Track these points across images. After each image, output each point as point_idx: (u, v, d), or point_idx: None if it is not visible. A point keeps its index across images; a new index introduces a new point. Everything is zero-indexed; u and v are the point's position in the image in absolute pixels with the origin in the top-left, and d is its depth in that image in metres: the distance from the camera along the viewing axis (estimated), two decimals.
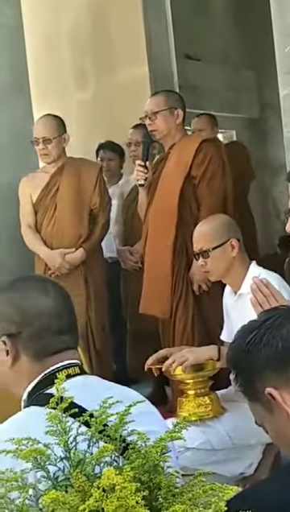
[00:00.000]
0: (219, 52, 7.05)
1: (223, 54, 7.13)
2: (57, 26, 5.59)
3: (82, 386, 1.48)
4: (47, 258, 3.89)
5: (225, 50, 7.14)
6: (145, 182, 3.52)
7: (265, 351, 1.19)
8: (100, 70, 5.35)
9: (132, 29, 5.06)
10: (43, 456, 1.19)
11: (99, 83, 5.35)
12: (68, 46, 5.56)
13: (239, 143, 6.35)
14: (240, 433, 2.46)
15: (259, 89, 7.39)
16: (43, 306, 1.53)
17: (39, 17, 5.69)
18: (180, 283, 3.41)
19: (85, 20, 5.39)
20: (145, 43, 4.98)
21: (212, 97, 6.85)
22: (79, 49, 5.46)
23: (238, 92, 7.35)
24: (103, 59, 5.29)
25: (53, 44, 5.62)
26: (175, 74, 5.14)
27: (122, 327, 4.41)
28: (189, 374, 2.52)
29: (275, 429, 1.20)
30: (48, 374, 1.49)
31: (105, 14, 5.26)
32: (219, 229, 2.70)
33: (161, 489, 1.16)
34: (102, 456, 1.17)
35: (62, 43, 5.59)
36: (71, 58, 5.56)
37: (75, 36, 5.49)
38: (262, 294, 2.08)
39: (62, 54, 5.59)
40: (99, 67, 5.34)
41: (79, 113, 5.40)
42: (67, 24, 5.54)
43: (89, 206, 3.94)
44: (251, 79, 7.46)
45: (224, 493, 1.10)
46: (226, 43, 7.14)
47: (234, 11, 7.10)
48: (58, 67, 5.62)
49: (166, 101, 3.53)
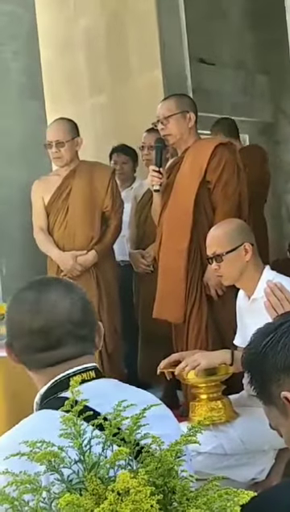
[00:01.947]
0: (233, 57, 7.05)
1: (237, 58, 7.13)
2: (72, 31, 5.62)
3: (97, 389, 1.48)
4: (59, 260, 3.90)
5: (239, 54, 7.13)
6: (160, 187, 3.51)
7: (282, 354, 1.18)
8: (114, 74, 5.36)
9: (146, 33, 5.07)
10: (58, 459, 1.19)
11: (113, 87, 5.37)
12: (83, 50, 5.58)
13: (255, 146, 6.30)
14: (252, 438, 2.45)
15: (273, 94, 7.37)
16: (28, 323, 1.49)
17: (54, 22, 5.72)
18: (194, 288, 3.40)
19: (100, 25, 5.40)
20: (159, 47, 4.98)
21: (225, 101, 6.85)
22: (93, 53, 5.48)
23: (252, 97, 7.34)
24: (117, 63, 5.30)
25: (68, 49, 5.65)
26: (188, 78, 5.14)
27: (134, 330, 4.40)
28: (202, 378, 2.51)
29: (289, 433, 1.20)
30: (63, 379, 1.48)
31: (120, 19, 5.27)
32: (233, 233, 2.70)
33: (175, 493, 1.15)
34: (117, 459, 1.17)
35: (76, 48, 5.62)
36: (85, 62, 5.58)
37: (89, 41, 5.50)
38: (276, 297, 2.07)
39: (76, 58, 5.61)
40: (113, 71, 5.36)
41: (93, 117, 5.42)
42: (81, 29, 5.56)
43: (100, 209, 3.95)
44: (265, 83, 7.45)
45: (239, 498, 1.09)
46: (241, 48, 7.14)
47: (250, 16, 7.10)
48: (72, 71, 5.64)
49: (177, 104, 3.52)
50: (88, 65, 5.55)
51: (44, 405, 1.47)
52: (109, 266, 4.03)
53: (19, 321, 1.50)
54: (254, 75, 7.34)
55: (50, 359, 1.48)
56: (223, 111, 6.81)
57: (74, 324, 1.52)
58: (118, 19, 5.28)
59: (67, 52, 5.64)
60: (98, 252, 3.90)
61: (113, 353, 3.90)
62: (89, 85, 5.54)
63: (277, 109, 7.42)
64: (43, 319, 1.49)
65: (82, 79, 5.57)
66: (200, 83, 5.99)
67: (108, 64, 5.37)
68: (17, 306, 1.53)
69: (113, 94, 5.35)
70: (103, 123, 5.37)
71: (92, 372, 1.50)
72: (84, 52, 5.57)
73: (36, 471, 1.19)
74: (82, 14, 5.53)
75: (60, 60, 5.66)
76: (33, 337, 1.48)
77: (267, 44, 6.73)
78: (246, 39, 7.16)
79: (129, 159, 4.79)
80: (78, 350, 1.52)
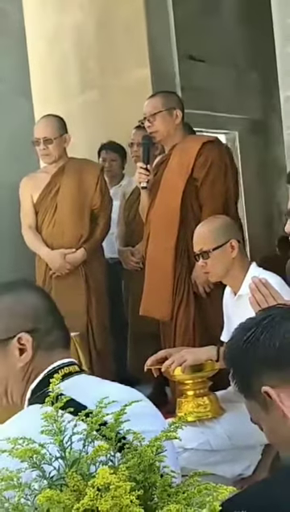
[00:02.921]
0: (224, 54, 7.05)
1: (228, 55, 7.13)
2: (60, 28, 5.60)
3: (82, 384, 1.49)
4: (48, 259, 3.89)
5: (229, 51, 7.14)
6: (147, 184, 3.52)
7: (262, 349, 1.18)
8: (103, 71, 5.36)
9: (135, 30, 5.07)
10: (39, 456, 1.19)
11: (102, 84, 5.36)
12: (71, 48, 5.57)
13: None
14: (239, 434, 2.46)
15: (263, 91, 7.38)
16: (43, 303, 1.58)
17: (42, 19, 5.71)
18: (181, 285, 3.40)
19: (89, 22, 5.40)
20: (147, 44, 4.98)
21: (215, 98, 6.85)
22: (82, 51, 5.47)
23: (242, 94, 7.35)
24: (106, 60, 5.30)
25: (56, 46, 5.63)
26: (177, 75, 5.14)
27: (123, 327, 4.41)
28: (188, 375, 2.52)
29: (270, 427, 1.20)
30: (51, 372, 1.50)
31: (109, 16, 5.27)
32: (219, 230, 2.70)
33: (156, 488, 1.15)
34: (97, 455, 1.17)
35: (65, 45, 5.61)
36: (74, 60, 5.57)
37: (78, 38, 5.50)
38: (261, 293, 2.08)
39: (65, 56, 5.60)
40: (102, 68, 5.35)
41: (82, 115, 5.41)
42: (70, 26, 5.55)
43: (89, 206, 3.94)
44: (255, 80, 7.46)
45: (218, 493, 1.10)
46: (231, 45, 7.14)
47: (239, 13, 7.11)
48: (61, 68, 5.63)
49: (164, 102, 3.53)
50: (77, 62, 5.54)
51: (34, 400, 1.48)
52: (98, 263, 4.03)
53: (36, 304, 1.56)
54: (244, 72, 7.34)
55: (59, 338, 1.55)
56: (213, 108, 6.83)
57: (59, 314, 1.61)
58: (107, 16, 5.27)
59: (55, 50, 5.63)
60: (87, 250, 3.90)
61: (102, 350, 3.90)
62: (78, 82, 5.53)
63: (268, 106, 7.43)
64: (47, 299, 1.60)
65: (71, 76, 5.57)
66: (189, 80, 5.99)
67: (97, 61, 5.37)
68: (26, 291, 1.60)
69: (103, 91, 5.34)
70: (92, 120, 5.37)
71: (75, 366, 1.52)
72: (72, 50, 5.56)
73: (18, 467, 1.19)
74: (71, 11, 5.52)
75: (48, 57, 5.65)
76: (51, 317, 1.56)
77: (257, 41, 6.74)
78: (235, 36, 7.17)
79: (117, 156, 4.79)
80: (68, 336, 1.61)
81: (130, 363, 4.31)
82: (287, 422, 1.15)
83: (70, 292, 3.84)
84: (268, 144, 7.62)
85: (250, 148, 7.56)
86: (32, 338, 1.52)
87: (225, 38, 7.02)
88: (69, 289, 3.85)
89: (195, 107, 5.75)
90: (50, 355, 1.53)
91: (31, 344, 1.51)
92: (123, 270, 4.44)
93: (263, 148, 7.62)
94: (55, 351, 1.53)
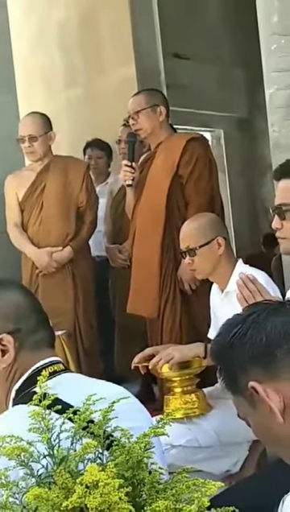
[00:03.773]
0: (209, 52, 7.06)
1: (213, 53, 7.14)
2: (45, 26, 5.58)
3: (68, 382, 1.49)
4: (35, 257, 3.87)
5: (215, 49, 7.15)
6: (132, 182, 3.52)
7: (249, 345, 1.18)
8: (88, 69, 5.35)
9: (120, 28, 5.06)
10: (27, 454, 1.19)
11: (87, 82, 5.35)
12: (56, 45, 5.55)
13: None
14: (226, 430, 2.46)
15: (248, 89, 7.41)
16: (23, 303, 1.57)
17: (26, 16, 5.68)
18: (168, 282, 3.40)
19: (73, 19, 5.38)
20: (132, 42, 4.98)
21: (201, 96, 6.86)
22: (67, 48, 5.46)
23: (228, 92, 7.37)
24: (91, 57, 5.29)
25: (41, 43, 5.62)
26: (162, 73, 5.14)
27: (110, 325, 4.41)
28: (176, 372, 2.51)
29: (257, 423, 1.20)
30: (35, 372, 1.49)
31: (94, 13, 5.26)
32: (205, 228, 2.71)
33: (145, 485, 1.16)
34: (85, 452, 1.17)
35: (50, 42, 5.59)
36: (59, 57, 5.55)
37: (63, 35, 5.48)
38: (248, 290, 2.08)
39: (50, 53, 5.58)
40: (87, 65, 5.34)
41: (67, 112, 5.40)
42: (55, 23, 5.53)
43: (75, 204, 3.93)
44: (241, 78, 7.48)
45: (207, 489, 1.10)
46: (216, 43, 7.16)
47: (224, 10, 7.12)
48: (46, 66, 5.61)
49: (147, 99, 3.53)
50: (61, 60, 5.52)
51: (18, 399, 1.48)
52: (85, 261, 4.02)
53: (18, 303, 1.55)
54: (229, 70, 7.36)
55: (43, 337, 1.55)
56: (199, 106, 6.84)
57: (44, 313, 1.60)
58: (92, 14, 5.26)
59: (40, 47, 5.61)
60: (74, 248, 3.89)
61: (89, 348, 3.89)
62: (63, 80, 5.52)
63: (253, 104, 7.45)
64: (31, 298, 1.60)
65: (56, 73, 5.55)
66: (175, 78, 6.00)
67: (82, 58, 5.35)
68: (6, 291, 1.58)
69: (88, 89, 5.33)
70: (77, 118, 5.36)
71: (60, 364, 1.52)
72: (57, 47, 5.54)
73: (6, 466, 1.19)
74: (56, 9, 5.50)
75: (33, 55, 5.63)
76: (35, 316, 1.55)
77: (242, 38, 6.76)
78: (220, 34, 7.18)
79: (103, 154, 4.78)
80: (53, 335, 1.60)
81: (118, 361, 4.31)
82: (275, 417, 1.15)
83: (57, 290, 3.83)
84: (253, 142, 7.65)
85: (235, 146, 7.59)
86: (14, 339, 1.51)
87: (211, 36, 7.04)
88: (56, 287, 3.84)
89: (180, 105, 5.75)
90: (34, 354, 1.52)
91: (12, 345, 1.51)
92: (110, 267, 4.43)
93: (248, 146, 7.65)
94: (39, 350, 1.53)
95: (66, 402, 1.32)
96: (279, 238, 2.15)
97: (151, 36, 5.13)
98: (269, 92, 2.99)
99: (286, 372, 1.16)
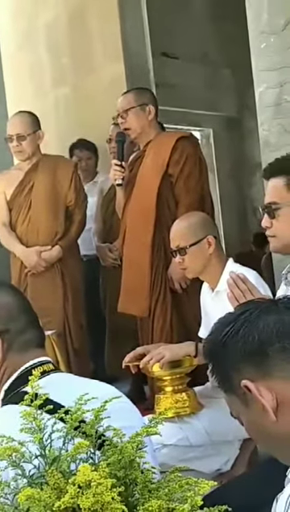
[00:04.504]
0: (197, 50, 7.06)
1: (201, 52, 7.14)
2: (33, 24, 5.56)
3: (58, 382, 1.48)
4: (23, 256, 3.86)
5: (203, 48, 7.15)
6: (122, 181, 3.51)
7: (241, 344, 1.18)
8: (77, 68, 5.33)
9: (109, 27, 5.05)
10: (18, 454, 1.18)
11: (76, 81, 5.33)
12: (45, 43, 5.53)
13: None
14: (217, 429, 2.46)
15: (237, 88, 7.41)
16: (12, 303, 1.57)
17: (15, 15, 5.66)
18: (158, 281, 3.40)
19: (62, 18, 5.36)
20: (121, 40, 4.97)
21: (190, 96, 6.86)
22: (55, 47, 5.44)
23: (217, 91, 7.37)
24: (80, 57, 5.27)
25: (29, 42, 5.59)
26: (151, 72, 5.14)
27: (100, 325, 4.40)
28: (166, 371, 2.51)
29: (250, 421, 1.20)
30: (24, 372, 1.49)
31: (83, 12, 5.24)
32: (196, 226, 2.70)
33: (137, 484, 1.15)
34: (78, 452, 1.16)
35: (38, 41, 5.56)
36: (47, 55, 5.53)
37: (51, 34, 5.46)
38: (238, 289, 2.08)
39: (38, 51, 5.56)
40: (76, 65, 5.32)
41: (56, 111, 5.38)
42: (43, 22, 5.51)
43: (64, 203, 3.92)
44: (229, 78, 7.48)
45: (200, 488, 1.10)
46: (205, 42, 7.15)
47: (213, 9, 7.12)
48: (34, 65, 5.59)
49: (136, 98, 3.53)
50: (50, 59, 5.50)
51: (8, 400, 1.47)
52: (74, 260, 4.01)
53: (7, 303, 1.55)
54: (218, 69, 7.36)
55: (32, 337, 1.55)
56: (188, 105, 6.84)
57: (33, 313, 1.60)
58: (80, 12, 5.24)
59: (28, 45, 5.58)
60: (63, 247, 3.87)
61: (79, 348, 3.88)
62: (52, 79, 5.50)
63: (242, 104, 7.46)
64: (20, 298, 1.59)
65: (44, 72, 5.53)
66: (164, 77, 5.99)
67: (70, 57, 5.33)
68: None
69: (76, 88, 5.32)
70: (66, 117, 5.34)
71: (50, 364, 1.52)
72: (45, 46, 5.52)
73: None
74: (43, 7, 5.48)
75: (21, 54, 5.60)
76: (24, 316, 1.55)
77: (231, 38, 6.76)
78: (209, 33, 7.18)
79: (91, 154, 4.80)
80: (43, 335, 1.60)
81: (108, 360, 4.30)
82: (267, 415, 1.15)
83: (46, 290, 3.82)
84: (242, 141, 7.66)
85: (224, 145, 7.60)
86: (2, 340, 1.51)
87: (199, 35, 7.04)
88: (45, 286, 3.83)
89: (170, 104, 5.75)
90: (23, 355, 1.52)
91: (1, 345, 1.51)
92: (101, 267, 4.42)
93: (237, 145, 7.66)
94: (28, 351, 1.53)
95: (57, 402, 1.31)
96: (268, 237, 2.15)
97: (140, 35, 5.12)
98: (258, 90, 3.00)
99: (278, 370, 1.16)
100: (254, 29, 2.97)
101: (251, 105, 3.28)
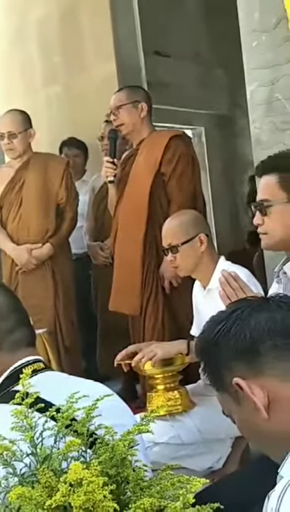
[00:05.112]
0: (189, 49, 7.05)
1: (193, 50, 7.13)
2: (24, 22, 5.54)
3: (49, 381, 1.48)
4: (14, 254, 3.85)
5: (195, 46, 7.14)
6: (114, 178, 3.51)
7: (233, 342, 1.18)
8: (68, 67, 5.32)
9: (100, 25, 5.04)
10: (9, 452, 1.18)
11: (68, 79, 5.32)
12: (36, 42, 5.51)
13: None
14: (209, 427, 2.47)
15: (229, 86, 7.41)
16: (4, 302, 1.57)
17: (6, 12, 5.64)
18: (150, 279, 3.40)
19: (53, 16, 5.34)
20: (113, 39, 4.96)
21: (182, 94, 6.86)
22: (46, 45, 5.42)
23: (208, 89, 7.37)
24: (71, 55, 5.26)
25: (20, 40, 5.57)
26: (143, 70, 5.13)
27: (92, 323, 4.39)
28: (158, 369, 2.51)
29: (242, 419, 1.20)
30: (14, 371, 1.48)
31: (74, 10, 5.23)
32: (188, 225, 2.70)
33: (129, 482, 1.15)
34: (69, 450, 1.16)
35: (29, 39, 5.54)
36: (38, 54, 5.51)
37: (42, 32, 5.44)
38: (230, 287, 2.08)
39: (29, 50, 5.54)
40: (67, 63, 5.31)
41: (48, 110, 5.37)
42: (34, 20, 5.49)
43: (55, 201, 3.91)
44: (221, 76, 7.48)
45: (192, 485, 1.10)
46: (197, 40, 7.15)
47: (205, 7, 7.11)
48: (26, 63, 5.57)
49: (128, 95, 3.53)
50: (41, 57, 5.48)
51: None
52: (65, 258, 4.00)
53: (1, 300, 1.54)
54: (210, 67, 7.36)
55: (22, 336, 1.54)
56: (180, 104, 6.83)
57: (23, 312, 1.60)
58: (72, 10, 5.23)
59: (19, 44, 5.56)
60: (53, 245, 3.87)
61: (70, 346, 3.88)
62: (43, 77, 5.48)
63: (233, 102, 7.46)
64: (11, 296, 1.59)
65: (35, 71, 5.51)
66: (156, 75, 5.98)
67: (62, 55, 5.32)
68: None
69: (68, 86, 5.31)
70: (57, 115, 5.33)
71: (40, 363, 1.51)
72: (37, 44, 5.50)
73: None
74: (35, 5, 5.46)
75: (13, 53, 5.58)
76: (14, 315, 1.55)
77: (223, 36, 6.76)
78: (201, 31, 7.18)
79: (80, 153, 4.80)
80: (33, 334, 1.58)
81: (100, 359, 4.30)
82: (259, 413, 1.15)
83: (37, 288, 3.81)
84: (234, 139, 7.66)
85: (216, 143, 7.59)
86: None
87: (191, 33, 7.03)
88: (36, 284, 3.82)
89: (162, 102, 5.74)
90: (13, 354, 1.51)
91: None
92: (92, 265, 4.41)
93: (229, 143, 7.66)
94: (19, 350, 1.52)
95: (48, 400, 1.31)
96: (260, 234, 2.15)
97: (132, 34, 5.11)
98: (250, 88, 3.00)
99: (270, 368, 1.16)
100: (246, 27, 2.97)
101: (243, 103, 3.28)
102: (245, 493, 1.67)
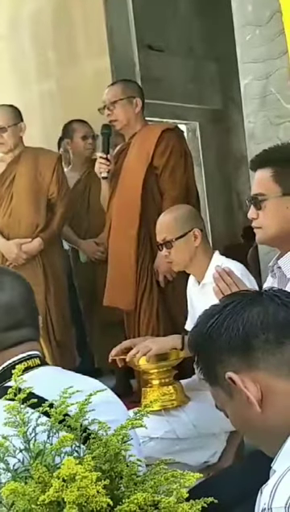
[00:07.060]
0: (182, 44, 7.04)
1: (186, 45, 7.12)
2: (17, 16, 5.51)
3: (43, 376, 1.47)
4: (4, 249, 3.83)
5: (188, 41, 7.13)
6: (108, 174, 3.50)
7: (226, 335, 1.18)
8: (61, 61, 5.29)
9: (94, 19, 5.02)
10: (2, 448, 1.17)
11: (61, 73, 5.30)
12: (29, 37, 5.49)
13: None
14: (204, 422, 2.47)
15: (223, 81, 7.41)
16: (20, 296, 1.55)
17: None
18: (144, 274, 3.40)
19: (46, 10, 5.32)
20: (106, 33, 4.94)
21: (175, 88, 6.85)
22: (39, 39, 5.40)
23: (202, 84, 7.36)
24: (64, 49, 5.24)
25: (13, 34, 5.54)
26: (136, 65, 5.12)
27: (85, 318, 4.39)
28: (153, 364, 2.51)
29: (235, 413, 1.20)
30: (7, 368, 1.48)
31: (67, 5, 5.20)
32: (182, 219, 2.69)
33: (123, 477, 1.15)
34: (62, 446, 1.15)
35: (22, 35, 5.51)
36: (31, 48, 5.48)
37: (35, 26, 5.41)
38: (224, 282, 2.08)
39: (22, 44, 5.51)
40: (60, 58, 5.29)
41: (41, 105, 5.35)
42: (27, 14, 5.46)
43: (46, 195, 3.89)
44: (215, 70, 7.47)
45: (185, 480, 1.10)
46: (190, 35, 7.14)
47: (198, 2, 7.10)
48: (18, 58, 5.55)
49: (124, 90, 3.51)
50: (34, 52, 5.46)
51: None
52: (56, 253, 3.98)
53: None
54: (203, 62, 7.35)
55: (11, 339, 1.51)
56: (172, 98, 6.82)
57: (29, 308, 1.57)
58: (65, 4, 5.21)
59: (12, 38, 5.53)
60: (44, 239, 3.85)
61: (62, 340, 3.86)
62: (36, 72, 5.46)
63: (227, 97, 7.46)
64: (9, 295, 1.54)
65: (28, 66, 5.49)
66: (149, 70, 5.97)
67: (55, 49, 5.30)
68: None
69: (61, 80, 5.29)
70: (51, 110, 5.31)
71: (36, 359, 1.50)
72: (29, 39, 5.47)
73: None
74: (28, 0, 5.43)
75: (5, 47, 5.56)
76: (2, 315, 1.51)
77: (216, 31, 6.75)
78: (194, 26, 7.17)
79: None
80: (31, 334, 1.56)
81: (94, 354, 4.30)
82: (252, 407, 1.15)
83: None
84: (228, 134, 7.66)
85: (210, 138, 7.59)
86: None
87: (184, 28, 7.02)
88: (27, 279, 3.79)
89: (155, 97, 5.74)
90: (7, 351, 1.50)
91: None
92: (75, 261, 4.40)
93: (223, 138, 7.66)
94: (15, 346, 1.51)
95: (41, 396, 1.30)
96: (254, 228, 2.14)
97: (125, 28, 5.09)
98: (244, 83, 2.99)
99: (263, 362, 1.15)
100: (240, 21, 2.96)
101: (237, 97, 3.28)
102: (239, 488, 1.68)
